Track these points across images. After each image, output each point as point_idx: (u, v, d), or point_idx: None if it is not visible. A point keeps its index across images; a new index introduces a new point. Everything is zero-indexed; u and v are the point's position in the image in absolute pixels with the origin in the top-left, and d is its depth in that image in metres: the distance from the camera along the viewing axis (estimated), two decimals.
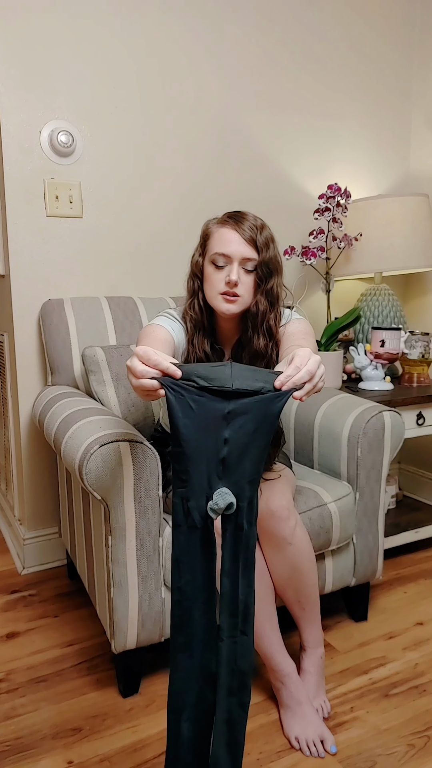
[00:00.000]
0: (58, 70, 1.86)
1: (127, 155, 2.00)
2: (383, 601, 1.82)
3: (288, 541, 1.31)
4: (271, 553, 1.32)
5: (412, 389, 2.05)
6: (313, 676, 1.36)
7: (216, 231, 1.28)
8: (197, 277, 1.32)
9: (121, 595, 1.31)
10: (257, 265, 1.25)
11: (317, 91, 2.31)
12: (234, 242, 1.24)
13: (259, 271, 1.25)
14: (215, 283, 1.26)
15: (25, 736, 1.31)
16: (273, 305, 1.28)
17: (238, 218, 1.26)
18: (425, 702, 1.39)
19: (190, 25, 2.03)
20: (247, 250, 1.24)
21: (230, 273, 1.23)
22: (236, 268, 1.24)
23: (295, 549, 1.32)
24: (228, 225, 1.26)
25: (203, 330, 1.32)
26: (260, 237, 1.25)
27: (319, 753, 1.24)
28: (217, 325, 1.36)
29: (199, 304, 1.31)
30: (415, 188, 2.55)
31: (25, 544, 2.02)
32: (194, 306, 1.32)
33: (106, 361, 1.69)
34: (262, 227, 1.27)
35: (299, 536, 1.33)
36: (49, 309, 1.85)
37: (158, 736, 1.30)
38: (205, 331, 1.32)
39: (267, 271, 1.26)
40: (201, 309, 1.31)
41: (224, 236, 1.25)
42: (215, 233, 1.28)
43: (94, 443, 1.25)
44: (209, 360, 1.30)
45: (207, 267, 1.28)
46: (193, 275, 1.33)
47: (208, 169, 2.14)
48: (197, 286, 1.32)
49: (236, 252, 1.24)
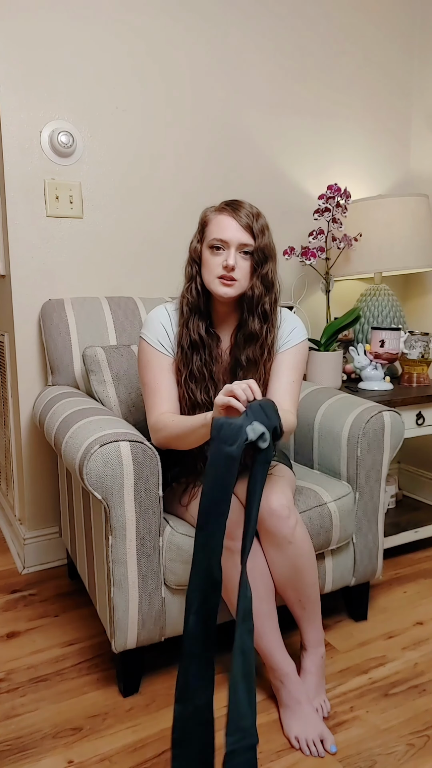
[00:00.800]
0: (59, 70, 1.86)
1: (127, 156, 2.00)
2: (383, 600, 1.83)
3: (288, 540, 1.31)
4: (271, 552, 1.33)
5: (412, 389, 2.06)
6: (314, 675, 1.37)
7: (214, 218, 1.33)
8: (195, 262, 1.36)
9: (121, 595, 1.31)
10: (253, 250, 1.31)
11: (317, 91, 2.31)
12: (231, 228, 1.29)
13: (255, 257, 1.31)
14: (213, 267, 1.31)
15: (26, 735, 1.31)
16: (268, 290, 1.34)
17: (235, 206, 1.32)
18: (425, 701, 1.40)
19: (190, 26, 2.04)
20: (244, 236, 1.29)
21: (228, 257, 1.29)
22: (233, 253, 1.29)
23: (295, 548, 1.32)
24: (225, 212, 1.31)
25: (199, 313, 1.37)
26: (256, 224, 1.30)
27: (319, 752, 1.24)
28: (213, 310, 1.41)
29: (197, 289, 1.36)
30: (415, 188, 2.55)
31: (25, 544, 2.02)
32: (191, 290, 1.36)
33: (107, 361, 1.69)
34: (258, 215, 1.33)
35: (300, 535, 1.33)
36: (49, 309, 1.85)
37: (158, 736, 1.30)
38: (200, 314, 1.37)
39: (263, 256, 1.31)
40: (198, 293, 1.36)
41: (222, 223, 1.30)
42: (213, 220, 1.33)
43: (95, 443, 1.25)
44: (203, 341, 1.37)
45: (205, 252, 1.33)
46: (191, 261, 1.37)
47: (208, 170, 2.15)
48: (195, 271, 1.36)
49: (234, 238, 1.29)
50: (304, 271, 2.36)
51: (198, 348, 1.37)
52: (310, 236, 2.12)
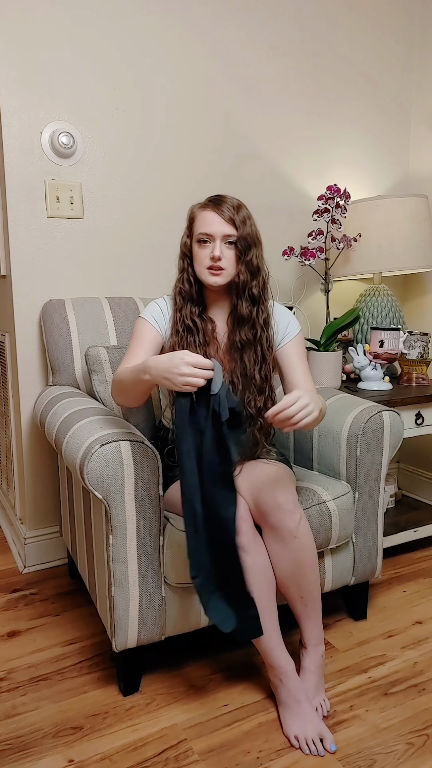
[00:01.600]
0: (59, 71, 1.86)
1: (127, 156, 2.01)
2: (382, 599, 1.83)
3: (293, 535, 1.33)
4: (275, 547, 1.33)
5: (411, 389, 2.06)
6: (314, 674, 1.37)
7: (199, 214, 1.43)
8: (186, 256, 1.47)
9: (121, 594, 1.32)
10: (237, 239, 1.40)
11: (317, 92, 2.32)
12: (215, 222, 1.39)
13: (239, 245, 1.40)
14: (202, 259, 1.42)
15: (26, 734, 1.31)
16: (254, 275, 1.43)
17: (218, 201, 1.42)
18: (424, 701, 1.40)
19: (190, 27, 2.04)
20: (226, 228, 1.39)
21: (214, 249, 1.39)
22: (218, 244, 1.39)
23: (299, 543, 1.34)
24: (209, 208, 1.41)
25: (192, 301, 1.47)
26: (237, 216, 1.40)
27: (319, 751, 1.24)
28: (206, 297, 1.50)
29: (189, 280, 1.46)
30: (415, 189, 2.55)
31: (26, 543, 2.02)
32: (184, 281, 1.47)
33: (109, 361, 1.70)
34: (239, 207, 1.42)
35: (304, 530, 1.35)
36: (50, 309, 1.85)
37: (159, 735, 1.31)
38: (193, 301, 1.47)
39: (246, 244, 1.40)
40: (191, 283, 1.46)
41: (206, 218, 1.40)
42: (198, 216, 1.43)
43: (95, 443, 1.26)
44: (196, 326, 1.46)
45: (194, 246, 1.43)
46: (182, 255, 1.48)
47: (208, 170, 2.15)
48: (186, 264, 1.47)
49: (217, 231, 1.39)
50: (303, 272, 2.36)
51: (192, 331, 1.46)
52: (310, 237, 2.12)
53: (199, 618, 1.43)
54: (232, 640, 1.61)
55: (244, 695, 1.42)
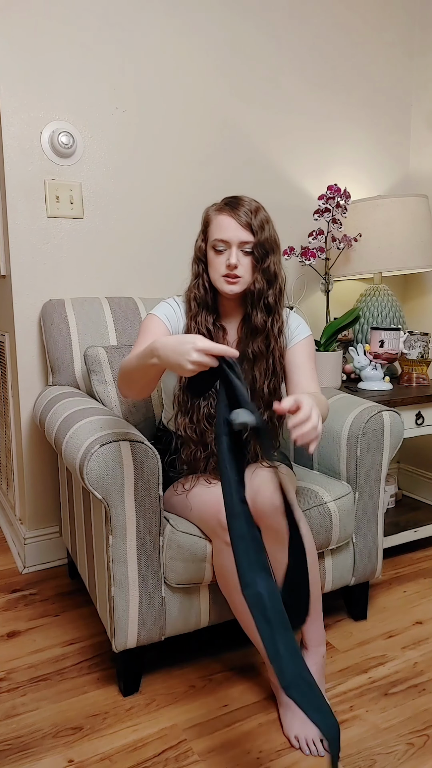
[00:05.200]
0: (59, 71, 1.86)
1: (127, 156, 2.00)
2: (382, 600, 1.83)
3: None
4: (275, 549, 1.33)
5: (411, 389, 2.06)
6: (314, 675, 1.37)
7: (215, 218, 1.36)
8: (201, 260, 1.41)
9: (121, 594, 1.32)
10: (254, 246, 1.33)
11: (317, 91, 2.32)
12: (231, 228, 1.32)
13: (256, 252, 1.34)
14: (217, 266, 1.35)
15: (26, 735, 1.31)
16: (270, 283, 1.37)
17: (235, 204, 1.34)
18: (424, 701, 1.40)
19: (190, 27, 2.04)
20: (243, 234, 1.32)
21: (230, 257, 1.32)
22: (235, 251, 1.33)
23: None
24: (225, 212, 1.34)
25: (207, 308, 1.41)
26: (255, 220, 1.32)
27: (319, 752, 1.24)
28: (220, 304, 1.45)
29: (204, 286, 1.40)
30: (415, 189, 2.55)
31: (25, 544, 2.02)
32: (199, 287, 1.41)
33: (108, 361, 1.69)
34: (257, 210, 1.34)
35: (303, 532, 1.35)
36: (49, 309, 1.85)
37: (159, 735, 1.30)
38: (208, 309, 1.41)
39: (263, 251, 1.34)
40: (206, 289, 1.40)
41: (222, 223, 1.33)
42: (214, 220, 1.36)
43: (95, 443, 1.26)
44: (211, 335, 1.40)
45: (209, 252, 1.37)
46: (197, 259, 1.42)
47: (208, 170, 2.15)
48: (201, 269, 1.41)
49: (234, 237, 1.32)
50: (303, 272, 2.36)
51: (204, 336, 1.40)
52: (310, 236, 2.12)
53: (199, 618, 1.43)
54: (232, 640, 1.61)
55: (244, 695, 1.42)
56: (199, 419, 1.41)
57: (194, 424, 1.42)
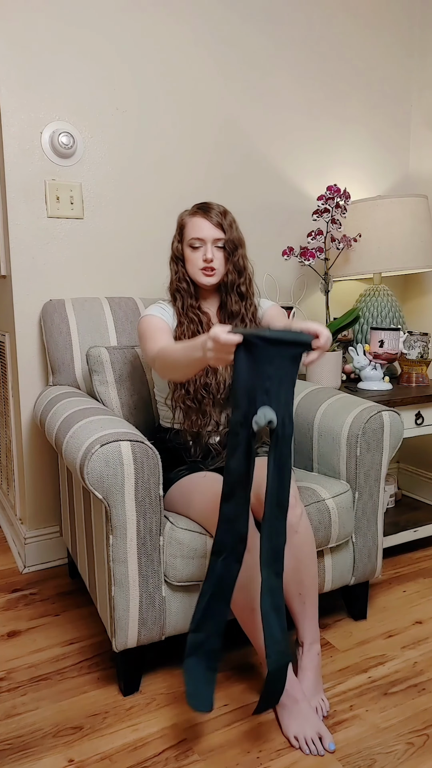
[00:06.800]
0: (59, 71, 1.86)
1: (127, 156, 2.01)
2: (382, 599, 1.83)
3: (294, 529, 1.35)
4: None
5: (411, 389, 2.06)
6: (311, 672, 1.37)
7: (189, 221, 1.54)
8: (179, 259, 1.58)
9: (121, 594, 1.32)
10: (225, 242, 1.52)
11: (317, 92, 2.32)
12: (205, 228, 1.51)
13: (227, 247, 1.53)
14: (194, 261, 1.54)
15: (26, 734, 1.31)
16: (241, 273, 1.56)
17: (206, 208, 1.53)
18: (424, 700, 1.40)
19: (190, 27, 2.04)
20: (216, 232, 1.52)
21: (206, 252, 1.51)
22: (210, 247, 1.51)
23: (300, 538, 1.35)
24: (199, 214, 1.53)
25: (190, 297, 1.58)
26: (225, 221, 1.52)
27: (318, 751, 1.24)
28: (199, 295, 1.61)
29: (185, 279, 1.58)
30: (415, 189, 2.55)
31: (26, 543, 2.02)
32: (180, 280, 1.58)
33: (110, 361, 1.70)
34: (225, 212, 1.54)
35: (305, 525, 1.38)
36: (50, 309, 1.85)
37: (159, 734, 1.31)
38: (190, 296, 1.58)
39: (233, 246, 1.53)
40: (187, 283, 1.58)
41: (197, 224, 1.52)
42: (189, 222, 1.54)
43: (95, 443, 1.26)
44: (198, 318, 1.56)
45: (186, 250, 1.55)
46: (174, 258, 1.59)
47: (208, 170, 2.15)
48: (180, 266, 1.58)
49: (209, 235, 1.51)
50: (303, 272, 2.36)
51: (194, 321, 1.55)
52: (309, 237, 2.12)
53: None
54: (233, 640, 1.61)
55: (244, 695, 1.42)
56: (196, 389, 1.52)
57: (191, 395, 1.52)
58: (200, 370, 1.43)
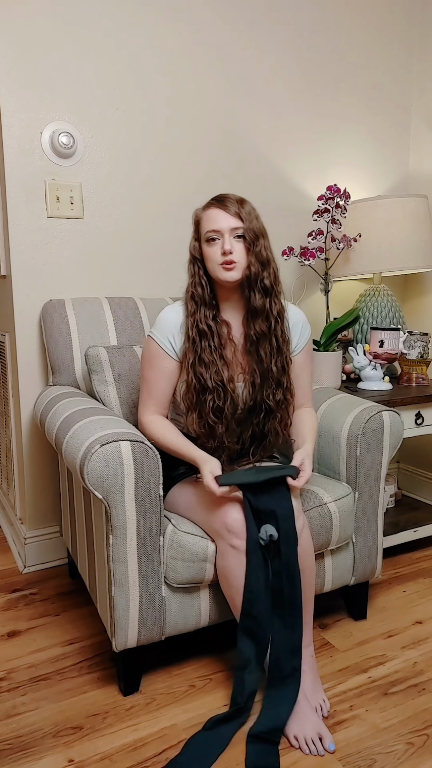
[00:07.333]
0: (60, 71, 1.86)
1: (127, 157, 2.01)
2: (382, 599, 1.83)
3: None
4: None
5: (411, 389, 2.06)
6: (308, 673, 1.37)
7: (204, 214, 1.43)
8: (197, 259, 1.46)
9: (121, 594, 1.32)
10: (244, 232, 1.40)
11: (317, 92, 2.32)
12: (221, 218, 1.40)
13: (247, 237, 1.40)
14: (213, 256, 1.41)
15: (26, 734, 1.31)
16: (264, 265, 1.42)
17: (221, 198, 1.43)
18: (424, 700, 1.40)
19: (190, 27, 2.04)
20: (233, 222, 1.39)
21: (224, 244, 1.39)
22: (228, 238, 1.39)
23: (301, 549, 1.35)
24: (213, 206, 1.42)
25: (205, 305, 1.45)
26: (243, 210, 1.41)
27: (318, 750, 1.24)
28: (220, 298, 1.48)
29: (201, 283, 1.45)
30: (415, 189, 2.55)
31: (26, 543, 2.02)
32: (196, 285, 1.45)
33: (109, 361, 1.70)
34: (242, 201, 1.43)
35: (306, 536, 1.37)
36: (50, 309, 1.85)
37: (159, 735, 1.31)
38: (207, 305, 1.45)
39: (254, 235, 1.41)
40: (203, 286, 1.45)
41: (212, 216, 1.41)
42: (204, 216, 1.43)
43: (95, 443, 1.26)
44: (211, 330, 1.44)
45: (204, 246, 1.43)
46: (192, 259, 1.47)
47: (208, 170, 2.15)
48: (198, 267, 1.46)
49: (225, 225, 1.39)
50: (303, 272, 2.36)
51: (206, 335, 1.43)
52: (310, 237, 2.12)
53: (200, 617, 1.43)
54: (233, 640, 1.61)
55: None
56: (206, 413, 1.43)
57: (202, 419, 1.44)
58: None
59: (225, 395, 1.42)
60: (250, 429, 1.48)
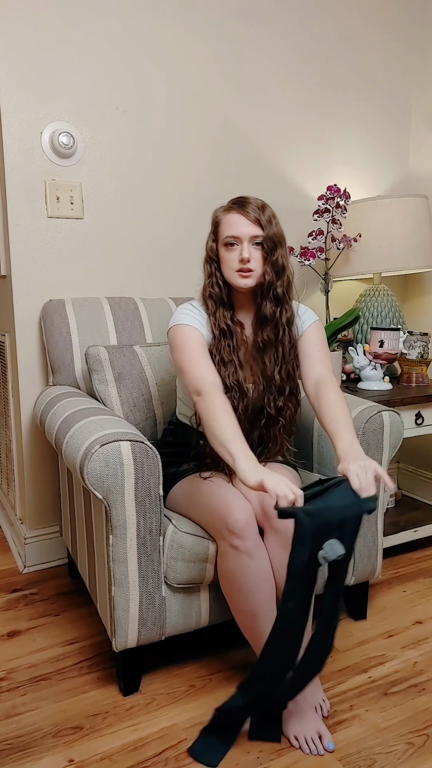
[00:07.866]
0: (60, 71, 1.86)
1: (127, 156, 2.01)
2: (382, 599, 1.83)
3: None
4: (278, 551, 1.33)
5: (411, 389, 2.06)
6: None
7: (224, 217, 1.42)
8: (213, 260, 1.45)
9: (121, 594, 1.32)
10: (264, 239, 1.39)
11: (317, 92, 2.32)
12: (241, 224, 1.38)
13: (266, 246, 1.39)
14: (230, 262, 1.40)
15: (26, 734, 1.31)
16: (279, 275, 1.41)
17: (242, 203, 1.40)
18: (424, 700, 1.40)
19: (190, 27, 2.04)
20: (253, 229, 1.38)
21: (242, 251, 1.38)
22: (246, 246, 1.38)
23: None
24: (234, 210, 1.40)
25: (223, 305, 1.45)
26: (263, 216, 1.38)
27: (318, 750, 1.24)
28: (234, 300, 1.48)
29: (218, 284, 1.45)
30: (415, 189, 2.55)
31: (26, 543, 2.02)
32: (213, 285, 1.45)
33: (109, 360, 1.70)
34: (264, 207, 1.41)
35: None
36: (50, 309, 1.85)
37: (159, 735, 1.31)
38: (224, 305, 1.45)
39: (272, 244, 1.39)
40: (220, 287, 1.45)
41: (232, 221, 1.39)
42: (224, 219, 1.42)
43: (95, 443, 1.26)
44: (230, 329, 1.44)
45: (221, 250, 1.42)
46: (208, 259, 1.46)
47: (208, 170, 2.15)
48: (214, 268, 1.45)
49: (245, 232, 1.38)
50: (303, 272, 2.36)
51: (227, 335, 1.44)
52: (310, 237, 2.12)
53: (200, 617, 1.43)
54: (233, 640, 1.62)
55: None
56: None
57: None
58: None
59: (240, 395, 1.43)
60: (257, 431, 1.49)
